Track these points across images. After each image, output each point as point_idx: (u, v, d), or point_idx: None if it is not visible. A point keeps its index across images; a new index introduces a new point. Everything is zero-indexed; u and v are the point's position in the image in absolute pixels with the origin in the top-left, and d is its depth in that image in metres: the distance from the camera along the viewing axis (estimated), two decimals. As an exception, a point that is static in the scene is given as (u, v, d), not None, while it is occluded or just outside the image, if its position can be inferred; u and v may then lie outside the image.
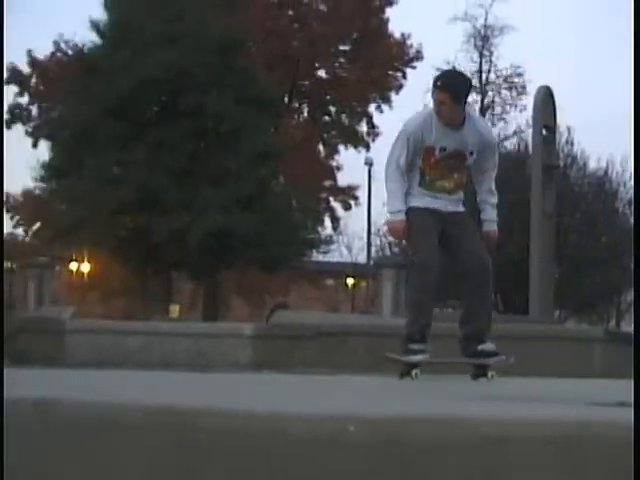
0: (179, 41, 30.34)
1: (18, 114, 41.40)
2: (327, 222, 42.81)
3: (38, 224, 39.32)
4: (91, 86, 30.67)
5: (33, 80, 41.62)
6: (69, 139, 31.26)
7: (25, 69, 41.33)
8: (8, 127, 40.94)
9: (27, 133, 40.98)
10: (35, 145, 39.59)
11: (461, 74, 6.59)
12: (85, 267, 42.88)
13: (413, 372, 5.96)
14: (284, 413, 2.59)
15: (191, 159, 30.28)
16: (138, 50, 30.24)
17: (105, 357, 13.58)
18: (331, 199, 44.72)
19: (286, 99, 41.40)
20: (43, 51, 41.24)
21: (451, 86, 6.04)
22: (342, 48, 43.71)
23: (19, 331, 18.01)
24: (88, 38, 34.19)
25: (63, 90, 35.55)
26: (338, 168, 45.40)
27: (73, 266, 43.46)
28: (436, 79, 6.16)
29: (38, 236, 38.82)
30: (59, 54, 40.72)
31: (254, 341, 16.95)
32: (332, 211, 44.28)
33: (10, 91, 41.12)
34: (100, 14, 33.40)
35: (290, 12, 42.53)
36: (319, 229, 38.43)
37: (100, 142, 29.98)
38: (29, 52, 41.07)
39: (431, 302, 6.10)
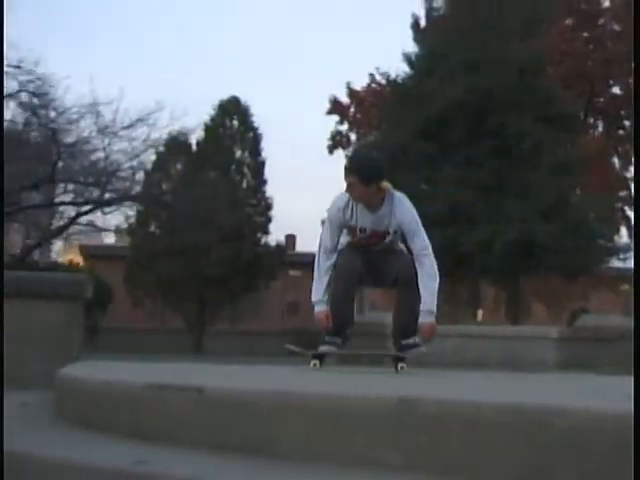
0: (482, 66, 30.33)
1: (338, 140, 42.58)
2: (623, 231, 41.36)
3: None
4: (403, 112, 31.23)
5: (351, 109, 42.74)
6: (384, 160, 31.86)
7: (344, 100, 42.55)
8: (330, 152, 42.23)
9: (346, 157, 42.08)
10: (355, 168, 40.60)
11: (370, 157, 6.16)
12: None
13: (312, 362, 5.87)
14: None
15: (495, 175, 30.09)
16: (445, 77, 30.55)
17: (423, 358, 13.73)
18: (626, 209, 43.13)
19: (582, 116, 40.36)
20: (360, 83, 42.38)
21: (358, 169, 5.80)
22: (636, 65, 42.12)
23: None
24: (401, 69, 35.08)
25: (378, 117, 36.44)
26: (633, 179, 43.84)
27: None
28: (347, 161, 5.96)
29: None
30: (373, 85, 41.66)
31: (559, 343, 16.65)
32: (628, 220, 42.70)
33: (332, 120, 42.52)
34: (411, 47, 34.44)
35: (585, 34, 41.41)
36: (615, 237, 37.21)
37: (412, 162, 30.37)
38: (348, 84, 42.26)
39: (349, 306, 6.03)
